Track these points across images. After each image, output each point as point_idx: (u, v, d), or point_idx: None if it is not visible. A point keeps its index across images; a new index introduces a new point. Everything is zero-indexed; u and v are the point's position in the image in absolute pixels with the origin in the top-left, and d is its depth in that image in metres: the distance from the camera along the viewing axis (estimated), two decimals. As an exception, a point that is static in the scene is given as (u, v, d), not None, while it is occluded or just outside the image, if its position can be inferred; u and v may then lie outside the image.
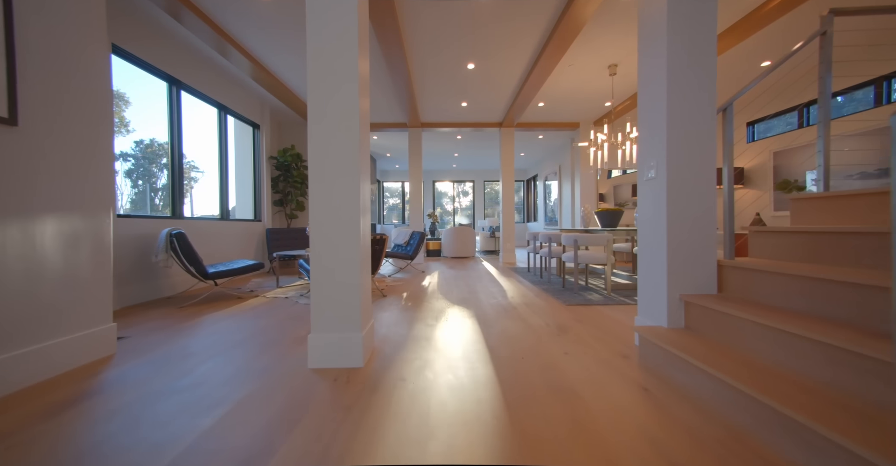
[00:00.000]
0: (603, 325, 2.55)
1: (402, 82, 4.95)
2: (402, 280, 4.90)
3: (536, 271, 5.48)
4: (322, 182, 1.85)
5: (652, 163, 1.97)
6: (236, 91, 5.16)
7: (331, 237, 1.84)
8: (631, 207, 7.79)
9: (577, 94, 5.63)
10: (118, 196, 3.81)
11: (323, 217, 1.85)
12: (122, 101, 3.75)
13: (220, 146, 4.89)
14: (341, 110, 1.84)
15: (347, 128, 1.84)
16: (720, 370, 1.33)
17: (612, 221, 4.53)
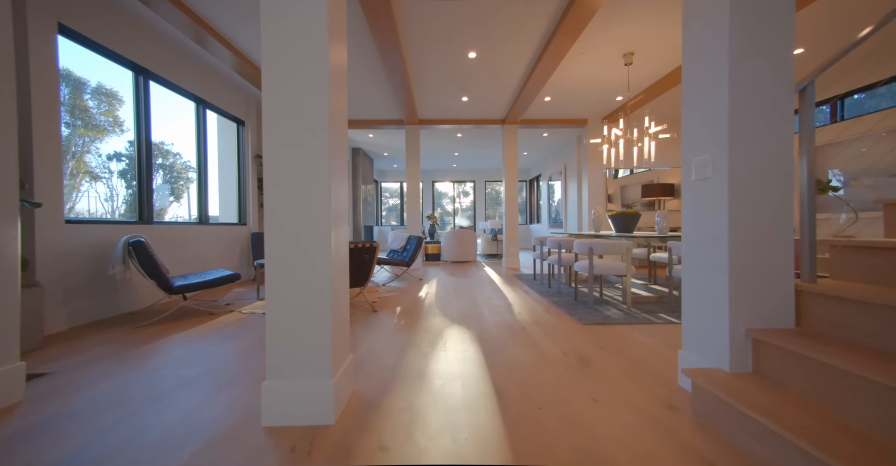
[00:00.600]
0: (632, 354, 2.13)
1: (398, 75, 4.54)
2: (398, 290, 4.48)
3: (543, 279, 5.06)
4: (278, 188, 1.43)
5: (705, 159, 1.55)
6: (217, 84, 4.75)
7: (291, 260, 1.43)
8: (640, 208, 7.37)
9: (588, 86, 5.21)
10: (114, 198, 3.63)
11: (280, 233, 1.43)
12: (116, 100, 3.58)
13: (197, 143, 4.47)
14: (307, 107, 1.43)
15: (315, 128, 1.43)
16: (821, 448, 0.92)
17: (629, 225, 4.11)
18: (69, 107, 3.19)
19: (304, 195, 1.44)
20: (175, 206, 4.85)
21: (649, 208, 7.29)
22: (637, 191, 7.57)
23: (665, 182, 7.20)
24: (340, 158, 1.58)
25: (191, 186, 4.65)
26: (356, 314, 3.20)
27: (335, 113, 1.52)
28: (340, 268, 1.58)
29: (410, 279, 5.33)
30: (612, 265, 3.30)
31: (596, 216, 4.96)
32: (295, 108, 1.43)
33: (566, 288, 4.37)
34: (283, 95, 1.43)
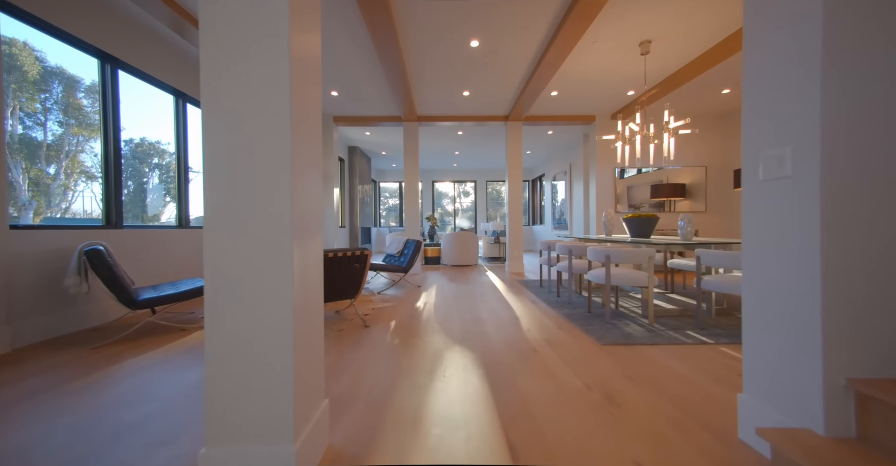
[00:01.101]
0: (669, 388, 1.78)
1: (395, 66, 4.18)
2: (394, 300, 4.12)
3: (551, 287, 4.71)
4: (219, 191, 1.09)
5: (781, 152, 1.20)
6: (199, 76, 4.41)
7: (237, 283, 1.08)
8: (649, 209, 6.99)
9: (599, 79, 4.86)
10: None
11: (223, 248, 1.08)
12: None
13: (176, 139, 4.12)
14: (264, 107, 1.09)
15: (275, 132, 1.09)
16: None
17: (646, 229, 3.75)
18: (63, 105, 3.15)
19: (258, 200, 1.09)
20: (172, 207, 4.52)
21: (658, 209, 6.91)
22: (645, 191, 7.17)
23: (676, 182, 6.82)
24: (308, 156, 1.23)
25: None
26: (345, 330, 2.85)
27: (305, 113, 1.16)
28: (309, 291, 1.23)
29: (408, 286, 4.98)
30: (632, 275, 2.94)
31: (608, 219, 4.61)
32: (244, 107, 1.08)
33: (577, 298, 4.02)
34: (226, 93, 1.08)
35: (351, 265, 2.87)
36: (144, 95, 3.80)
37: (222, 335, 1.07)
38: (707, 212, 6.49)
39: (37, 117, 3.12)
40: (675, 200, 6.86)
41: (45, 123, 3.10)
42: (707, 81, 4.87)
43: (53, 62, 3.05)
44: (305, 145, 1.20)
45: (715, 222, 6.46)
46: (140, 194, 4.16)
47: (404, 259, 4.89)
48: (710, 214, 6.48)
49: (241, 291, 1.08)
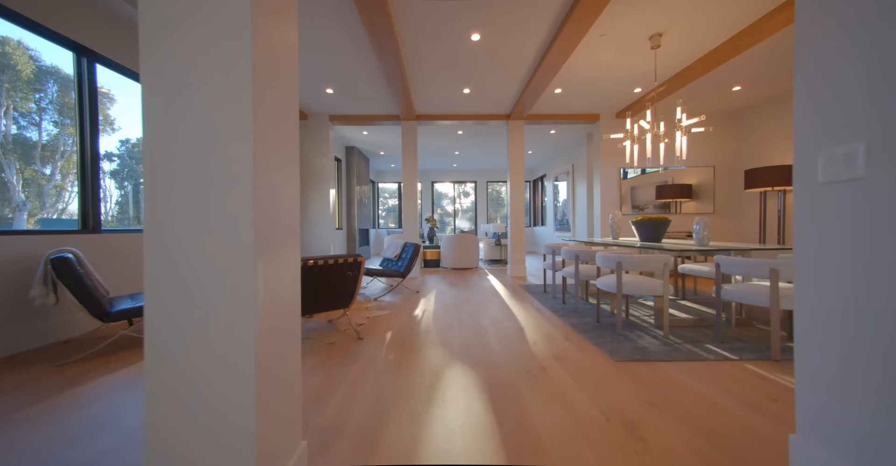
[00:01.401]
0: (698, 418, 1.57)
1: (392, 63, 3.98)
2: (390, 307, 3.92)
3: (555, 292, 4.50)
4: (160, 195, 0.88)
5: (850, 149, 0.99)
6: (187, 72, 4.21)
7: (182, 307, 0.87)
8: (653, 211, 6.78)
9: (605, 75, 4.66)
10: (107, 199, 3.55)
11: (171, 263, 0.88)
12: (107, 98, 3.56)
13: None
14: (220, 87, 0.88)
15: (236, 137, 0.88)
16: None
17: (657, 233, 3.55)
18: (58, 105, 3.13)
19: (211, 204, 0.88)
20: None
21: (664, 210, 6.70)
22: (649, 192, 6.96)
23: (682, 183, 6.61)
24: (278, 150, 1.03)
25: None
26: (337, 343, 2.65)
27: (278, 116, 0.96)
28: (279, 313, 1.02)
29: (406, 292, 4.78)
30: (645, 284, 2.74)
31: (615, 222, 4.41)
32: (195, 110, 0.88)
33: (584, 305, 3.81)
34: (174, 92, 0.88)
35: (344, 273, 2.66)
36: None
37: (165, 373, 0.87)
38: (715, 213, 6.28)
39: (31, 117, 3.03)
40: (682, 201, 6.65)
41: (40, 123, 3.04)
42: (718, 77, 4.67)
43: (49, 61, 3.00)
44: (274, 137, 1.00)
45: (723, 223, 6.26)
46: (138, 196, 4.03)
47: (402, 264, 4.69)
48: (718, 215, 6.28)
49: (190, 317, 0.87)
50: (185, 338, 0.87)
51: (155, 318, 0.88)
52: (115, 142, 3.88)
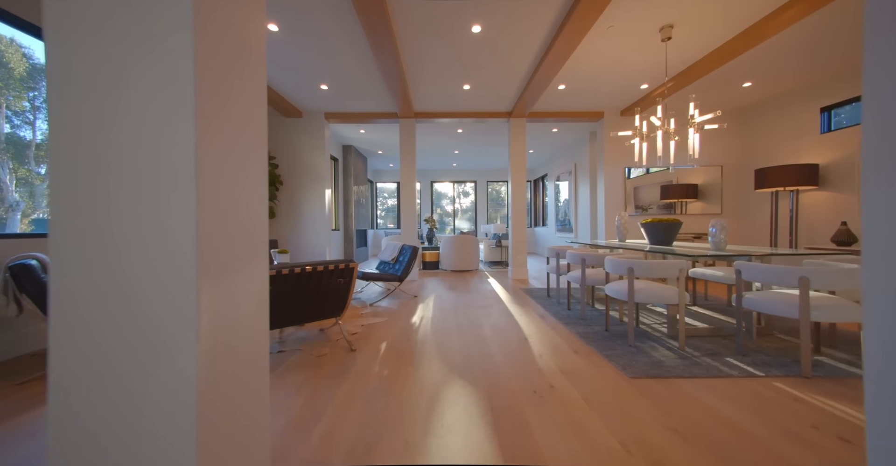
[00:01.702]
0: (730, 449, 1.38)
1: (389, 58, 3.79)
2: (387, 313, 3.73)
3: (559, 297, 4.31)
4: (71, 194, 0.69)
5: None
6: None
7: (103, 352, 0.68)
8: (657, 211, 6.58)
9: (612, 70, 4.47)
10: None
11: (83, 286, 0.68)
12: None
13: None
14: (156, 89, 0.68)
15: (173, 126, 0.69)
16: None
17: (667, 236, 3.36)
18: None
19: (138, 212, 0.69)
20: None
21: (668, 210, 6.51)
22: (652, 192, 6.76)
23: (688, 183, 6.42)
24: (234, 139, 0.83)
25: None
26: (328, 356, 2.45)
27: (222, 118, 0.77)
28: (235, 350, 0.83)
29: (403, 297, 4.58)
30: (659, 291, 2.55)
31: (622, 223, 4.22)
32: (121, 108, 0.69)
33: (591, 312, 3.62)
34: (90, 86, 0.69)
35: (335, 280, 2.47)
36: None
37: (70, 435, 0.67)
38: (723, 214, 6.10)
39: (25, 116, 2.98)
40: (687, 201, 6.46)
41: (34, 121, 3.00)
42: (728, 72, 4.48)
43: (43, 59, 2.92)
44: (229, 129, 0.80)
45: (731, 224, 6.07)
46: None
47: (399, 267, 4.50)
48: (726, 216, 6.09)
49: (106, 359, 0.68)
50: (100, 390, 0.68)
51: (59, 360, 0.68)
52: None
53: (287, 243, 5.91)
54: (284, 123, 5.91)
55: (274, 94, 4.97)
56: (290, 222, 5.93)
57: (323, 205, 5.95)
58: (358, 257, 8.67)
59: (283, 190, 5.89)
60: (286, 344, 2.69)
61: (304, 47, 3.83)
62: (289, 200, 5.92)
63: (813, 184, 4.51)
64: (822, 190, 4.60)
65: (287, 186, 5.90)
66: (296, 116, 5.83)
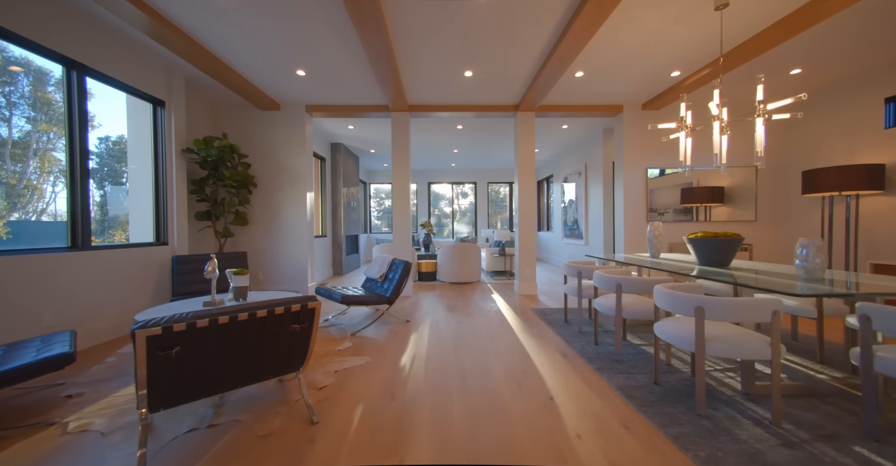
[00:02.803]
0: None
1: (375, 34, 3.06)
2: (370, 347, 3.00)
3: (581, 324, 3.59)
4: None
5: None
6: (112, 45, 3.28)
7: None
8: (674, 216, 5.84)
9: (641, 52, 3.76)
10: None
11: None
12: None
13: (68, 127, 2.98)
14: None
15: None
16: None
17: (724, 255, 2.65)
18: (30, 100, 2.97)
19: None
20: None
21: (686, 215, 5.78)
22: (670, 195, 6.02)
23: (712, 185, 5.70)
24: None
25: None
26: (275, 435, 1.73)
27: None
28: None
29: (393, 322, 3.86)
30: (742, 341, 1.83)
31: (655, 234, 3.51)
32: None
33: (629, 350, 2.90)
34: None
35: (286, 327, 1.75)
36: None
37: None
38: (757, 222, 5.40)
39: (0, 113, 2.84)
40: (712, 206, 5.75)
41: (10, 118, 2.90)
42: (775, 57, 3.79)
43: (18, 53, 2.78)
44: None
45: (769, 234, 5.37)
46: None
47: (389, 286, 3.77)
48: (761, 224, 5.40)
49: None
50: None
51: None
52: (94, 139, 3.49)
53: (262, 254, 5.18)
54: (259, 116, 5.17)
55: (244, 81, 4.23)
56: (266, 229, 5.19)
57: (304, 209, 5.22)
58: (348, 265, 7.94)
59: (257, 193, 5.15)
60: (224, 410, 1.96)
61: (272, 20, 3.11)
62: (264, 204, 5.18)
63: (878, 188, 3.82)
64: (889, 195, 3.90)
65: (262, 188, 5.17)
66: (272, 108, 5.10)
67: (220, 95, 4.78)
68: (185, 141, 4.15)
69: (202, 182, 4.43)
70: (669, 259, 3.30)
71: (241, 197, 4.74)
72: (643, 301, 2.71)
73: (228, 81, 4.14)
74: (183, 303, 2.80)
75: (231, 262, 4.07)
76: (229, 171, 4.47)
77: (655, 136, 5.33)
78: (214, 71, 3.91)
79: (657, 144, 5.36)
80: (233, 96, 4.79)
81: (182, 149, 4.07)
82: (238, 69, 4.04)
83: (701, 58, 3.87)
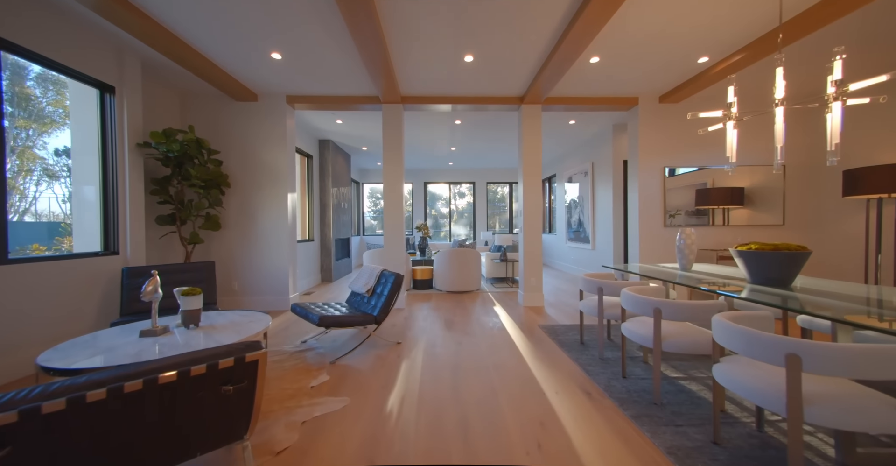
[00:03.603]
0: None
1: (363, 11, 2.53)
2: (351, 381, 2.48)
3: (604, 350, 3.08)
4: None
5: None
6: (42, 17, 2.72)
7: None
8: (687, 218, 5.33)
9: (668, 33, 3.26)
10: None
11: None
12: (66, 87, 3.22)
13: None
14: None
15: None
16: None
17: (786, 272, 2.14)
18: (7, 94, 2.65)
19: None
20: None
21: (698, 217, 5.26)
22: (681, 196, 5.49)
23: (729, 186, 5.18)
24: None
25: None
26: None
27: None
28: None
29: (382, 344, 3.33)
30: (858, 409, 1.32)
31: (685, 243, 3.01)
32: None
33: (669, 388, 2.39)
34: None
35: (213, 391, 1.21)
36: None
37: None
38: (785, 226, 4.92)
39: None
40: (730, 208, 5.25)
41: None
42: (817, 41, 3.30)
43: None
44: None
45: (799, 241, 4.89)
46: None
47: (377, 303, 3.24)
48: (789, 229, 4.92)
49: None
50: None
51: None
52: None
53: (237, 262, 4.63)
54: (234, 108, 4.62)
55: (212, 66, 3.69)
56: (242, 234, 4.64)
57: (285, 211, 4.68)
58: (338, 270, 7.39)
59: (231, 194, 4.60)
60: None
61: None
62: (240, 206, 4.63)
63: (941, 191, 3.34)
64: (951, 198, 3.43)
65: (237, 188, 4.62)
66: (249, 99, 4.56)
67: (189, 84, 4.22)
68: (141, 134, 3.59)
69: (165, 182, 3.87)
70: (706, 273, 2.79)
71: (213, 198, 4.19)
72: (687, 330, 2.20)
73: (193, 65, 3.60)
74: (118, 331, 2.27)
75: (194, 274, 3.52)
76: (197, 168, 3.92)
77: (674, 131, 4.85)
78: (175, 53, 3.37)
79: (676, 141, 4.87)
80: (204, 85, 4.24)
81: (137, 143, 3.52)
82: (203, 51, 3.49)
83: (735, 41, 3.37)
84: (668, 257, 4.87)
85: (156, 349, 1.92)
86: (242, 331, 2.30)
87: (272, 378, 2.53)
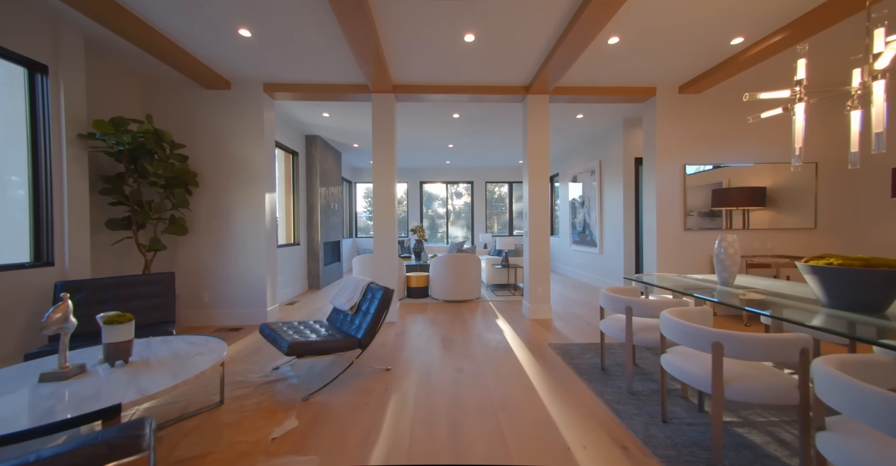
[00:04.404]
0: None
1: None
2: (326, 428, 1.97)
3: (637, 381, 2.60)
4: None
5: None
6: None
7: None
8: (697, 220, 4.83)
9: (699, 7, 2.78)
10: None
11: None
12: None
13: None
14: None
15: None
16: None
17: (882, 295, 1.66)
18: None
19: None
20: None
21: (712, 219, 4.76)
22: (697, 197, 4.99)
23: (748, 186, 4.69)
24: None
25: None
26: None
27: None
28: None
29: (367, 373, 2.82)
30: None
31: (727, 252, 2.54)
32: None
33: (725, 441, 1.91)
34: None
35: None
36: None
37: None
38: (817, 229, 4.47)
39: None
40: (750, 209, 4.77)
41: None
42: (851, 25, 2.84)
43: None
44: None
45: (836, 247, 4.44)
46: None
47: (362, 322, 2.74)
48: (821, 232, 4.47)
49: None
50: None
51: None
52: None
53: (207, 271, 4.10)
54: (203, 96, 4.10)
55: (171, 45, 3.17)
56: (213, 239, 4.12)
57: (263, 213, 4.16)
58: (327, 276, 6.87)
59: (199, 194, 4.07)
60: None
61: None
62: (210, 208, 4.11)
63: None
64: None
65: (208, 187, 4.09)
66: (221, 87, 4.03)
67: (154, 71, 3.70)
68: (84, 123, 3.06)
69: (118, 180, 3.35)
70: (754, 289, 2.31)
71: (177, 199, 3.67)
72: (758, 371, 1.71)
73: (150, 45, 3.07)
74: (19, 370, 1.77)
75: (150, 287, 3.00)
76: (156, 164, 3.39)
77: (696, 125, 4.39)
78: (126, 29, 2.85)
79: (699, 136, 4.41)
80: (170, 72, 3.71)
81: (80, 133, 2.99)
82: (159, 27, 2.97)
83: (778, 18, 2.91)
84: (687, 264, 4.41)
85: (48, 405, 1.41)
86: (184, 369, 1.80)
87: (225, 425, 2.02)
